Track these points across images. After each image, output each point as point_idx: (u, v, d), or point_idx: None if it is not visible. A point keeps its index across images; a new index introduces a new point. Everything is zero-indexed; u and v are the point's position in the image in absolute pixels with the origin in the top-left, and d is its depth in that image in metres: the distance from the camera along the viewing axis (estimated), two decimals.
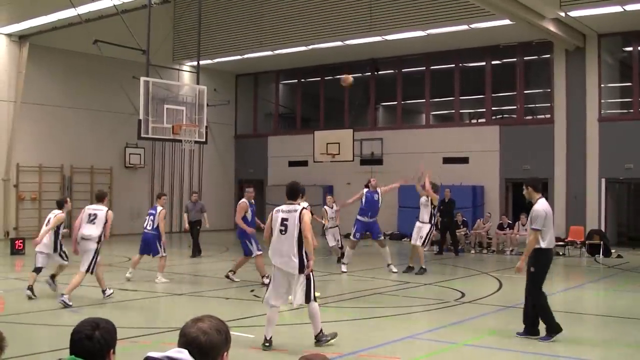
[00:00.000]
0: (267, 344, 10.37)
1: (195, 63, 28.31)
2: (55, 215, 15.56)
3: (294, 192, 11.20)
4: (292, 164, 37.56)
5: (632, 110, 29.45)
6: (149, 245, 18.15)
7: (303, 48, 33.07)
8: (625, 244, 29.36)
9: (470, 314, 13.64)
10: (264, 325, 10.60)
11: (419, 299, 15.44)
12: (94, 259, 14.39)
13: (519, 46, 31.17)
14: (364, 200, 21.30)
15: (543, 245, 11.36)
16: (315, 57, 34.74)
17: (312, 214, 12.16)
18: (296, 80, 39.47)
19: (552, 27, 26.76)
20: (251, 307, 14.48)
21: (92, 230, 14.44)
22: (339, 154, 32.22)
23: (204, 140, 24.14)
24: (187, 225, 24.32)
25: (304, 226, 10.55)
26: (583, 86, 29.17)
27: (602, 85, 29.17)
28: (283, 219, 10.72)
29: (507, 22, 26.63)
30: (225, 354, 3.65)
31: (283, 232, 10.66)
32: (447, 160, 32.42)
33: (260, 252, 17.16)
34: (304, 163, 36.45)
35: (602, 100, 29.26)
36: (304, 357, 3.50)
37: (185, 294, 16.10)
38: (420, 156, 32.64)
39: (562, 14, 26.31)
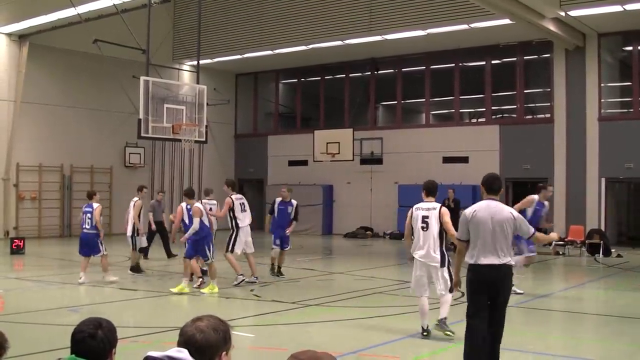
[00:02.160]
0: (425, 333, 11.40)
1: (195, 62, 28.27)
2: (135, 202, 19.42)
3: (433, 190, 11.72)
4: (292, 163, 37.58)
5: (632, 110, 29.45)
6: (90, 245, 17.47)
7: (303, 47, 33.06)
8: (625, 244, 29.36)
9: None
10: (420, 317, 11.63)
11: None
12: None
13: (519, 45, 31.17)
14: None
15: (469, 259, 9.11)
16: (315, 56, 34.73)
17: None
18: (296, 80, 39.47)
19: (552, 27, 26.76)
20: (251, 306, 14.49)
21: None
22: (339, 153, 32.26)
23: (204, 139, 24.12)
24: (154, 226, 23.25)
25: (445, 222, 11.27)
26: (583, 85, 29.17)
27: (602, 85, 29.17)
28: (424, 217, 11.38)
29: (507, 21, 26.63)
30: (225, 353, 3.65)
31: (425, 229, 11.33)
32: (447, 160, 32.44)
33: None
34: (304, 162, 36.47)
35: (602, 100, 29.27)
36: (293, 355, 3.50)
37: (186, 293, 16.09)
38: (420, 155, 32.72)
39: (562, 14, 26.32)
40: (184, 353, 3.52)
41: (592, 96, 29.03)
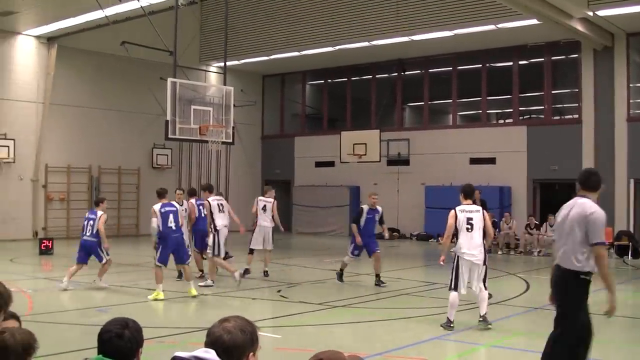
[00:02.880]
0: (450, 325, 12.09)
1: (222, 64, 28.35)
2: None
3: (471, 193, 12.76)
4: (318, 164, 37.58)
5: None
6: (91, 252, 17.00)
7: (330, 48, 33.04)
8: None
9: (497, 316, 13.57)
10: (449, 309, 12.23)
11: (446, 300, 15.36)
12: None
13: (547, 46, 30.98)
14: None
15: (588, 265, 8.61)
16: (342, 57, 34.71)
17: None
18: (323, 81, 39.47)
19: (579, 27, 26.58)
20: (278, 307, 14.51)
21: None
22: (365, 154, 32.26)
23: (230, 141, 24.18)
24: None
25: (487, 224, 12.35)
26: (611, 86, 28.95)
27: (630, 85, 28.93)
28: (468, 218, 12.31)
29: (534, 21, 26.49)
30: (252, 354, 3.65)
31: (469, 230, 12.24)
32: (474, 161, 32.30)
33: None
34: (330, 164, 36.46)
35: (631, 100, 29.02)
36: (316, 355, 3.49)
37: (212, 294, 16.14)
38: (447, 156, 32.61)
39: (590, 13, 26.13)
40: (211, 354, 3.52)
41: (621, 96, 28.80)
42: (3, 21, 29.18)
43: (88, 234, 16.62)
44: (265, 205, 19.10)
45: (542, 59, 31.61)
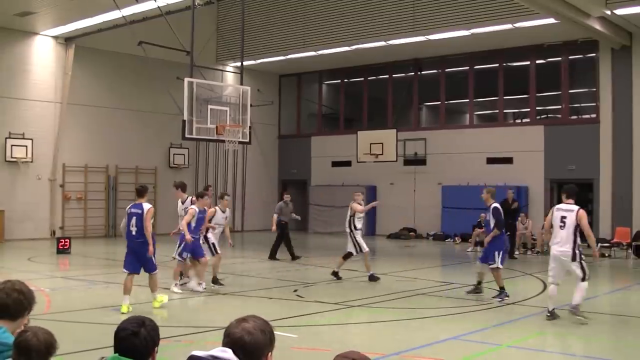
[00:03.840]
0: (549, 315, 12.87)
1: (238, 64, 28.40)
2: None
3: (572, 193, 13.22)
4: (335, 164, 37.59)
5: None
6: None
7: (346, 48, 33.04)
8: None
9: (514, 316, 13.56)
10: (548, 300, 13.09)
11: (462, 300, 15.37)
12: None
13: (564, 45, 30.86)
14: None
15: None
16: (358, 57, 34.71)
17: None
18: (339, 81, 39.46)
19: (597, 26, 26.46)
20: (294, 307, 14.51)
21: None
22: (382, 154, 32.28)
23: (247, 140, 24.23)
24: (274, 227, 23.61)
25: (583, 224, 12.75)
26: (629, 85, 28.81)
27: None
28: (562, 217, 12.86)
29: (551, 20, 26.40)
30: (270, 354, 3.66)
31: (562, 227, 12.81)
32: (490, 161, 32.24)
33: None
34: (347, 163, 36.46)
35: None
36: (341, 355, 3.50)
37: (228, 293, 16.16)
38: (464, 156, 32.56)
39: (608, 12, 26.02)
40: (228, 353, 3.52)
41: (639, 96, 28.66)
42: (21, 22, 29.34)
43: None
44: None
45: (559, 58, 31.49)
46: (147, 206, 13.77)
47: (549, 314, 12.91)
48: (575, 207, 12.89)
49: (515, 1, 24.73)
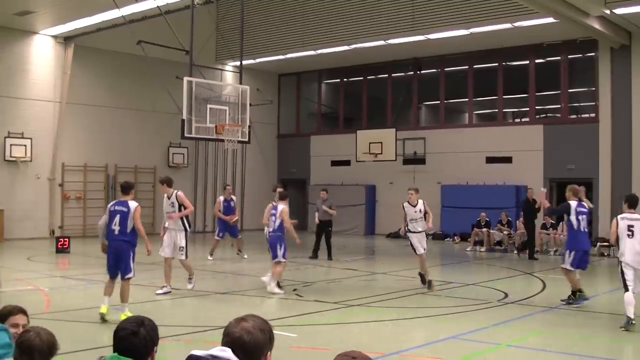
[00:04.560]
0: (631, 322, 12.31)
1: (238, 63, 28.36)
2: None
3: (635, 203, 13.44)
4: (334, 163, 37.59)
5: None
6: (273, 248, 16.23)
7: (345, 47, 33.04)
8: None
9: (513, 315, 13.55)
10: (627, 307, 12.40)
11: (461, 299, 15.37)
12: None
13: (563, 44, 30.87)
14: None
15: None
16: (357, 56, 34.70)
17: None
18: (339, 80, 39.46)
19: (597, 25, 26.47)
20: (293, 306, 14.51)
21: None
22: (381, 153, 32.31)
23: (246, 140, 24.20)
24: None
25: None
26: (629, 85, 28.82)
27: None
28: (629, 225, 12.86)
29: (551, 20, 26.42)
30: (269, 353, 3.65)
31: (630, 236, 12.75)
32: (490, 160, 32.24)
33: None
34: (346, 162, 36.48)
35: None
36: (341, 354, 3.49)
37: (227, 292, 16.16)
38: (463, 155, 32.57)
39: (607, 12, 26.02)
40: (227, 352, 3.52)
41: (638, 95, 28.67)
42: (20, 21, 29.33)
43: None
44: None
45: (559, 58, 31.50)
46: (133, 204, 12.84)
47: (632, 321, 12.35)
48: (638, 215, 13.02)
49: (514, 0, 24.76)
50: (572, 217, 14.78)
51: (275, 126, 40.33)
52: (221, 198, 23.83)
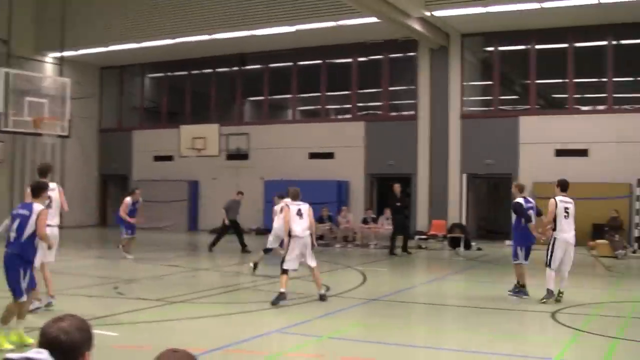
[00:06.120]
0: (550, 296, 13.92)
1: (58, 54, 27.62)
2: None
3: (566, 186, 14.54)
4: (157, 158, 37.13)
5: (492, 108, 30.45)
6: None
7: (170, 41, 32.67)
8: (485, 237, 30.23)
9: (335, 307, 13.78)
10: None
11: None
12: None
13: (385, 44, 31.67)
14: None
15: None
16: (182, 50, 34.35)
17: None
18: (162, 74, 38.99)
19: (417, 26, 27.33)
20: (114, 304, 14.24)
21: None
22: (205, 148, 32.18)
23: (66, 134, 23.62)
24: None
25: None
26: (446, 84, 29.93)
27: (464, 84, 30.02)
28: (565, 208, 14.17)
29: (373, 19, 27.02)
30: (87, 353, 3.57)
31: (567, 217, 14.09)
32: (313, 156, 32.69)
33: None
34: (169, 158, 36.12)
35: (464, 98, 30.13)
36: (163, 353, 3.46)
37: (44, 293, 15.68)
38: (287, 151, 32.85)
39: (427, 14, 26.93)
40: (43, 354, 3.42)
41: (455, 94, 29.83)
42: None
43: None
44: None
45: (381, 57, 32.29)
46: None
47: (552, 295, 14.05)
48: (572, 199, 14.47)
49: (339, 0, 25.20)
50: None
51: (97, 120, 39.38)
52: (129, 200, 22.76)
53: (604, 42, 28.36)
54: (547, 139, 28.40)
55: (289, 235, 14.36)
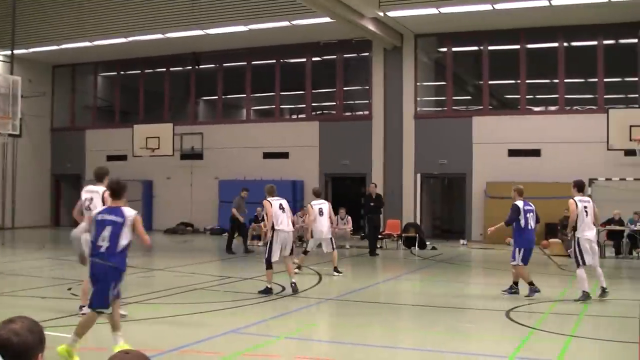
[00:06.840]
0: (586, 296, 14.21)
1: (9, 52, 27.27)
2: None
3: (582, 187, 15.03)
4: (110, 158, 36.74)
5: (445, 109, 30.64)
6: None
7: (123, 40, 32.43)
8: (439, 236, 30.44)
9: (291, 307, 13.77)
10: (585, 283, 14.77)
11: (240, 294, 15.44)
12: None
13: (339, 44, 31.75)
14: None
15: None
16: (135, 49, 34.13)
17: None
18: (115, 73, 38.66)
19: (371, 26, 27.41)
20: (68, 305, 14.06)
21: None
22: (158, 148, 32.01)
23: (17, 133, 23.32)
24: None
25: (595, 211, 14.78)
26: (400, 84, 30.07)
27: (417, 84, 30.20)
28: (584, 207, 14.48)
29: (327, 19, 27.04)
30: (40, 355, 3.50)
31: (586, 215, 14.42)
32: (267, 155, 32.67)
33: None
34: (123, 157, 35.79)
35: (418, 98, 30.30)
36: (116, 353, 3.40)
37: None
38: (241, 151, 32.79)
39: (381, 14, 27.02)
40: None
41: (409, 95, 29.99)
42: None
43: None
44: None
45: (335, 57, 32.34)
46: None
47: (588, 296, 14.28)
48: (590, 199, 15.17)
49: None
50: (520, 217, 15.09)
51: (49, 119, 38.94)
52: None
53: (556, 44, 28.74)
54: (500, 139, 28.69)
55: (272, 228, 14.99)
